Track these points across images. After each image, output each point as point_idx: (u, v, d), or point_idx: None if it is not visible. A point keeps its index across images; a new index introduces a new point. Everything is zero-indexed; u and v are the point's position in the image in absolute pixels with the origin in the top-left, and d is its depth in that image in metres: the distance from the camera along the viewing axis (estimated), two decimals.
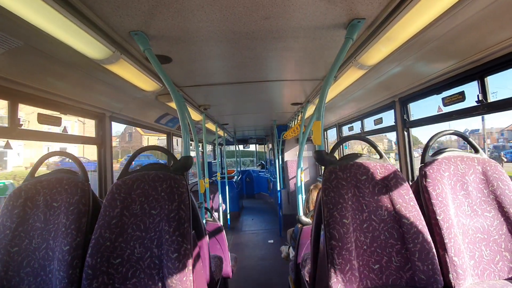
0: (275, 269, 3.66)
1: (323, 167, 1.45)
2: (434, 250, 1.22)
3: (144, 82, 2.03)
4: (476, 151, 1.51)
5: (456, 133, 1.54)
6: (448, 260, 1.24)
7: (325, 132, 4.75)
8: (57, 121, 1.78)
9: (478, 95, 1.58)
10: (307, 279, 1.79)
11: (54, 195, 1.45)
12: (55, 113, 1.80)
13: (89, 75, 1.75)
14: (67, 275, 1.28)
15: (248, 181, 9.88)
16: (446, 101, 1.79)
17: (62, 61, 1.51)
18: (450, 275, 1.22)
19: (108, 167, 2.28)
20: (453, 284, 1.21)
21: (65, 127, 1.92)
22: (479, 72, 1.55)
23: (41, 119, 1.70)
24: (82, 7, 1.12)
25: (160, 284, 1.31)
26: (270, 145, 7.97)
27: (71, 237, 1.34)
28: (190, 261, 1.28)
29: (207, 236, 1.81)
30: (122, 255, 1.32)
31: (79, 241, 1.34)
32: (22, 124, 1.56)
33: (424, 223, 1.27)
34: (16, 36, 1.20)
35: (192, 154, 1.55)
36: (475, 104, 1.61)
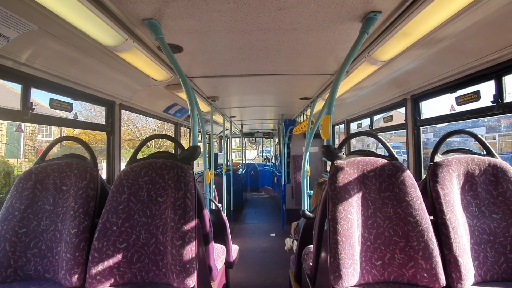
0: (276, 262, 3.70)
1: (329, 163, 1.44)
2: (438, 249, 1.22)
3: (155, 71, 2.04)
4: (489, 152, 1.48)
5: (468, 133, 1.51)
6: (452, 260, 1.23)
7: (333, 128, 4.72)
8: (68, 107, 1.80)
9: (494, 95, 1.54)
10: (308, 272, 1.81)
11: (63, 178, 1.48)
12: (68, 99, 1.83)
13: (101, 62, 1.76)
14: (73, 257, 1.31)
15: (253, 174, 9.92)
16: (460, 100, 1.75)
17: (75, 46, 1.52)
18: (453, 275, 1.22)
19: (116, 154, 2.32)
20: (455, 283, 1.22)
21: (75, 113, 1.94)
22: (496, 71, 1.51)
23: (53, 104, 1.72)
24: None
25: (164, 270, 1.33)
26: (277, 140, 7.96)
27: (78, 220, 1.36)
28: (194, 249, 1.30)
29: (211, 226, 1.83)
30: (127, 240, 1.35)
31: (86, 225, 1.37)
32: (34, 108, 1.58)
33: (429, 222, 1.26)
34: (31, 20, 1.21)
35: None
36: (491, 104, 1.57)
